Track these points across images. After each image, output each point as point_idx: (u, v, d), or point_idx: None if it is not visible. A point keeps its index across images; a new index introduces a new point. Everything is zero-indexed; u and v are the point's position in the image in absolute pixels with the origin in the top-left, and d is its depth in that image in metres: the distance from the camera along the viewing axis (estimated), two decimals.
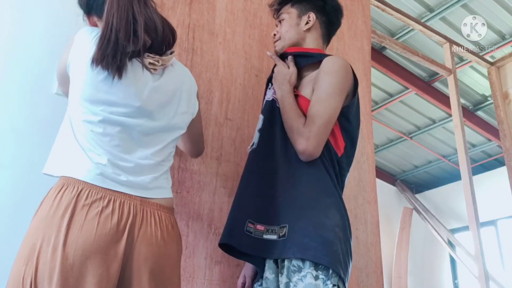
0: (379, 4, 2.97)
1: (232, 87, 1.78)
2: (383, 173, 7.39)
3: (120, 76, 1.06)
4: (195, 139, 1.39)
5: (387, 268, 6.49)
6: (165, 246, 1.06)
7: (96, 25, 1.20)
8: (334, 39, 2.22)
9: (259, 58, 1.91)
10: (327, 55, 1.41)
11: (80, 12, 1.23)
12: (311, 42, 1.45)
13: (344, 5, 2.39)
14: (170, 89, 1.18)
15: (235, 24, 1.89)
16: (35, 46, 1.46)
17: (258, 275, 1.34)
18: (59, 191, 1.00)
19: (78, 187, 1.00)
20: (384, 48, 5.05)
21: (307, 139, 1.25)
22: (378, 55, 5.07)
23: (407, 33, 4.91)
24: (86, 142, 1.05)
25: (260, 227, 1.26)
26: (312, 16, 1.45)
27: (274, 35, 1.49)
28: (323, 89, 1.31)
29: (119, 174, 1.05)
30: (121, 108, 1.08)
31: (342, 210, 1.28)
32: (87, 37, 1.10)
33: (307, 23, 1.45)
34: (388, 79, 5.59)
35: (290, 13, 1.46)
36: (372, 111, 5.09)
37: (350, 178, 1.96)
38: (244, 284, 1.42)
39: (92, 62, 1.05)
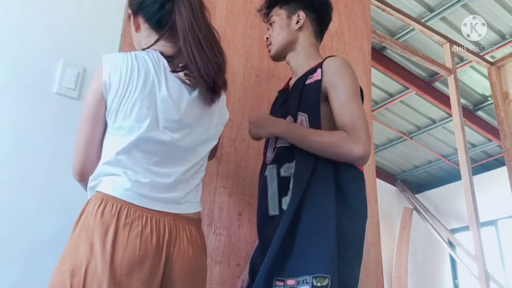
0: (379, 4, 2.96)
1: (232, 87, 1.78)
2: (383, 173, 7.39)
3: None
4: (216, 147, 1.31)
5: (387, 268, 6.49)
6: (196, 261, 1.07)
7: (139, 27, 1.17)
8: (334, 39, 2.23)
9: (259, 58, 1.91)
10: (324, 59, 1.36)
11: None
12: (304, 41, 1.43)
13: (344, 5, 2.41)
14: None
15: (235, 24, 1.89)
16: (35, 46, 1.46)
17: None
18: (99, 206, 1.00)
19: (117, 205, 1.00)
20: (384, 48, 5.05)
21: (362, 143, 1.17)
22: (378, 55, 5.07)
23: (407, 33, 4.90)
24: (126, 160, 1.04)
25: (291, 281, 1.11)
26: (302, 14, 1.42)
27: (267, 38, 1.46)
28: (346, 91, 1.25)
29: (155, 191, 1.05)
30: (161, 122, 1.07)
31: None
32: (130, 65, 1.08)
33: (297, 22, 1.42)
34: (388, 79, 5.59)
35: (279, 15, 1.44)
36: (372, 111, 5.09)
37: None
38: None
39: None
